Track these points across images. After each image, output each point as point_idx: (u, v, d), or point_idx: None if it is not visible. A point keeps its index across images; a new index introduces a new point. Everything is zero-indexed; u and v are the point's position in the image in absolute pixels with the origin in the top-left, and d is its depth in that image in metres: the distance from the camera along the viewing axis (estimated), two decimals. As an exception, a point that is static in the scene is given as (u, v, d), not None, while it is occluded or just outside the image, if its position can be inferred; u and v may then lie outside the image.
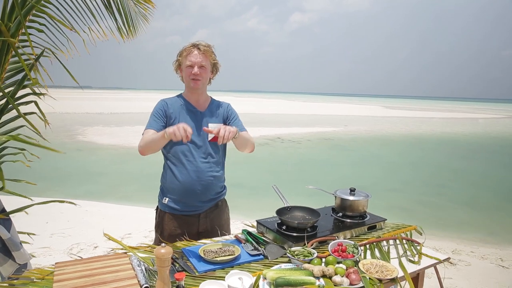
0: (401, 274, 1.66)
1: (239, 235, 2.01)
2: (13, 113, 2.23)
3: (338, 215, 2.25)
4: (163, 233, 2.09)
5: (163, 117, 2.03)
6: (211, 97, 2.22)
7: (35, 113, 2.21)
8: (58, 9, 2.20)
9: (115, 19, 2.49)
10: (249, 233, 2.00)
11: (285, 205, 2.16)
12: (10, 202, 2.18)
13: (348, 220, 2.19)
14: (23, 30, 2.06)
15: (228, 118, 2.19)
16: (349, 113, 37.34)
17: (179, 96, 2.15)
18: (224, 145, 2.21)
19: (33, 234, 2.34)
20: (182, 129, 1.69)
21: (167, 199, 2.09)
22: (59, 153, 1.86)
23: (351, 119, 29.33)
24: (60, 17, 2.20)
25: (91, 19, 2.32)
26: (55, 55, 2.21)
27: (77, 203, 2.54)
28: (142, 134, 2.00)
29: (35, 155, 2.21)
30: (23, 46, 2.12)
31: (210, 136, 2.08)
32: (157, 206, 2.19)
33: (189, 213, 2.09)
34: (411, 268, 1.76)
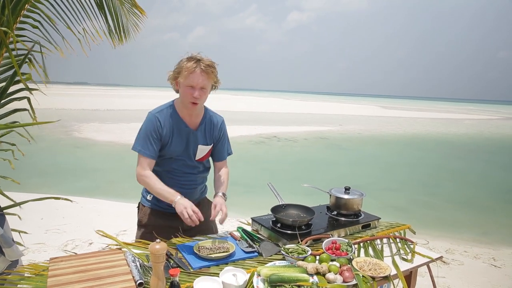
0: (394, 272, 1.68)
1: (234, 232, 2.02)
2: (6, 108, 2.23)
3: (332, 213, 2.26)
4: (147, 228, 2.08)
5: (158, 140, 1.93)
6: (204, 108, 2.09)
7: (27, 110, 2.21)
8: (53, 6, 2.20)
9: (107, 23, 2.50)
10: (244, 231, 2.01)
11: (280, 203, 2.18)
12: (4, 198, 2.17)
13: (343, 219, 2.20)
14: (18, 25, 2.06)
15: (219, 139, 2.13)
16: (346, 112, 37.41)
17: (171, 108, 2.00)
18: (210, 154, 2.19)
19: (25, 233, 2.32)
20: (194, 217, 1.75)
21: (151, 195, 2.08)
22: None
23: (347, 118, 29.39)
24: (55, 14, 2.20)
25: (85, 19, 2.33)
26: (49, 50, 2.20)
27: (72, 199, 2.53)
28: (137, 153, 1.94)
29: (21, 152, 2.20)
30: (19, 42, 2.11)
31: (198, 157, 2.06)
32: (139, 203, 2.20)
33: (170, 211, 2.04)
34: (404, 266, 1.77)
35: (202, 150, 2.06)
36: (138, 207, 2.21)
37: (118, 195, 6.67)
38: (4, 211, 2.05)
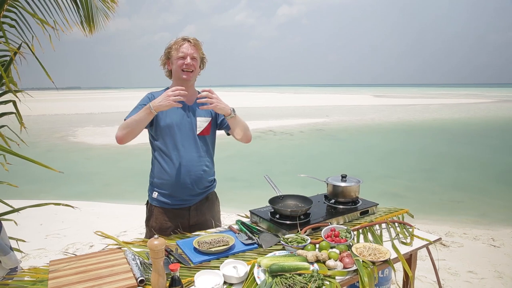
0: (393, 256, 1.69)
1: (233, 226, 2.02)
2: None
3: (330, 202, 2.27)
4: (154, 227, 2.08)
5: None
6: (198, 91, 2.18)
7: (14, 113, 2.17)
8: (27, 3, 2.14)
9: (78, 12, 2.45)
10: (242, 223, 2.01)
11: (278, 194, 2.18)
12: (1, 205, 2.15)
13: (341, 206, 2.21)
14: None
15: (218, 114, 2.18)
16: (340, 103, 37.45)
17: (167, 90, 2.09)
18: (213, 139, 2.21)
19: (23, 241, 2.29)
20: (171, 94, 1.77)
21: (156, 193, 2.09)
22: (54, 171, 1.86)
23: (341, 109, 29.43)
24: (30, 11, 2.15)
25: (58, 12, 2.27)
26: (33, 53, 2.15)
27: (71, 204, 2.51)
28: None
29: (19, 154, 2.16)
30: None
31: (199, 130, 2.08)
32: (147, 201, 2.19)
33: (179, 206, 2.08)
34: (404, 249, 1.78)
35: (202, 122, 2.10)
36: (147, 205, 2.20)
37: (116, 197, 6.66)
38: (1, 217, 2.04)
